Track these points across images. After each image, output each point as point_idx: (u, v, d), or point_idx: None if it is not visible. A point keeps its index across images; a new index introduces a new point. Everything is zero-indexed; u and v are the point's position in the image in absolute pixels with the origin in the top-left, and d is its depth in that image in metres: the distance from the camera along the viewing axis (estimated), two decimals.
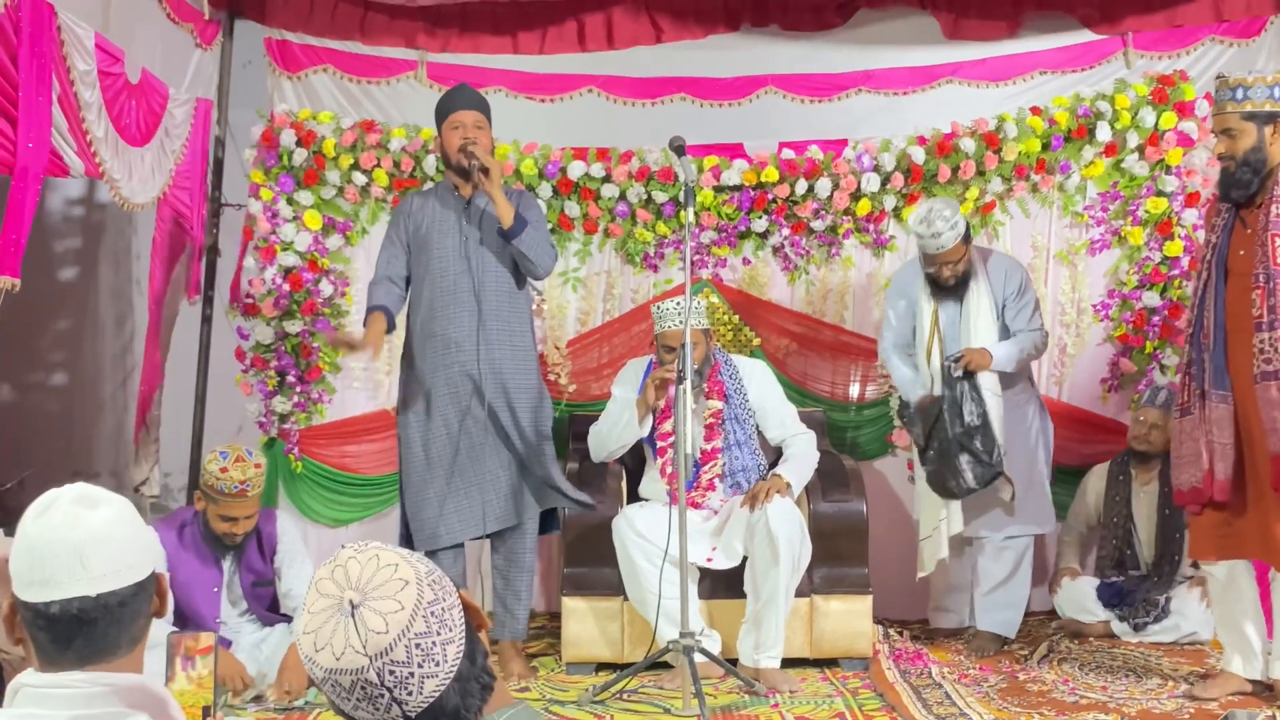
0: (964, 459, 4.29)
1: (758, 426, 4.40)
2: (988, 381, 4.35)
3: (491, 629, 4.07)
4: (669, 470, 4.28)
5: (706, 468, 4.28)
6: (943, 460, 4.33)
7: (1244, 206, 3.58)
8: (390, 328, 4.12)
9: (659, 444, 4.35)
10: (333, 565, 1.30)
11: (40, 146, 3.37)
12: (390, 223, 4.28)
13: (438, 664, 1.28)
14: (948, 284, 4.41)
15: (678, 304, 4.20)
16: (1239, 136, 3.51)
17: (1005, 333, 4.44)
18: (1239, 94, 3.51)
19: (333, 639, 1.26)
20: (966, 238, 4.37)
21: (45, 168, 3.44)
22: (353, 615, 1.26)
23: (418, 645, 1.26)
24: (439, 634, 1.28)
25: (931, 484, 4.42)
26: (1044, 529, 4.61)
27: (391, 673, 1.25)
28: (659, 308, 4.27)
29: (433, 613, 1.28)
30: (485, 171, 3.94)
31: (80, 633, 1.44)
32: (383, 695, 1.26)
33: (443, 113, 4.12)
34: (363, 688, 1.26)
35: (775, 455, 4.42)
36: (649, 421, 4.29)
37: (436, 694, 1.28)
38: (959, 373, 4.31)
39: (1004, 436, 4.32)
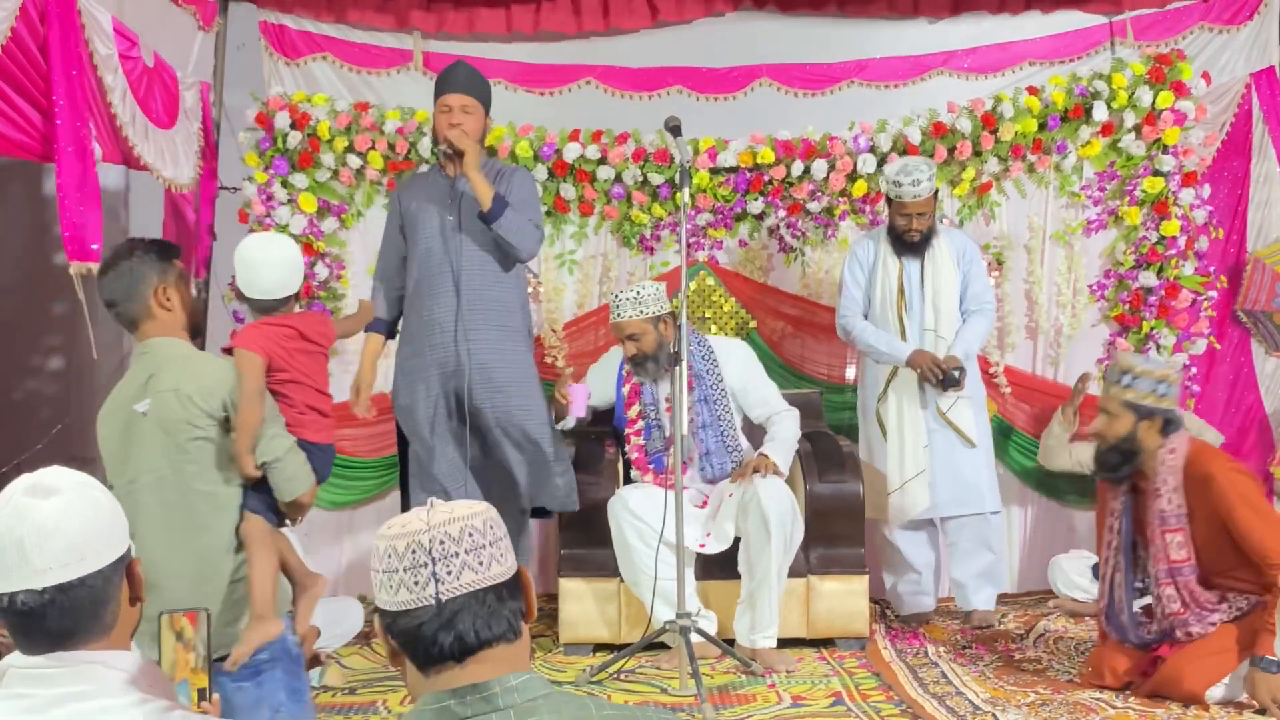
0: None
1: (742, 409, 4.39)
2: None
3: None
4: (634, 456, 4.34)
5: (671, 451, 4.15)
6: None
7: (1136, 490, 3.66)
8: (390, 335, 4.18)
9: (627, 431, 4.37)
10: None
11: (81, 130, 3.36)
12: (389, 207, 4.27)
13: (481, 563, 1.40)
14: (913, 239, 4.46)
15: (623, 296, 4.24)
16: (1114, 420, 3.59)
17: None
18: (1124, 379, 3.59)
19: (407, 519, 1.42)
20: (934, 196, 4.47)
21: (90, 150, 3.43)
22: (430, 507, 1.43)
23: (470, 535, 1.40)
24: (490, 547, 1.42)
25: None
26: (999, 508, 4.65)
27: (441, 544, 1.39)
28: (611, 298, 4.33)
29: (493, 530, 1.43)
30: (460, 155, 3.91)
31: (32, 625, 1.45)
32: (426, 565, 1.38)
33: (435, 92, 4.10)
34: (413, 552, 1.38)
35: (759, 434, 4.41)
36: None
37: (469, 588, 1.39)
38: (949, 391, 4.45)
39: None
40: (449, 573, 1.38)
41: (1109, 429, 3.60)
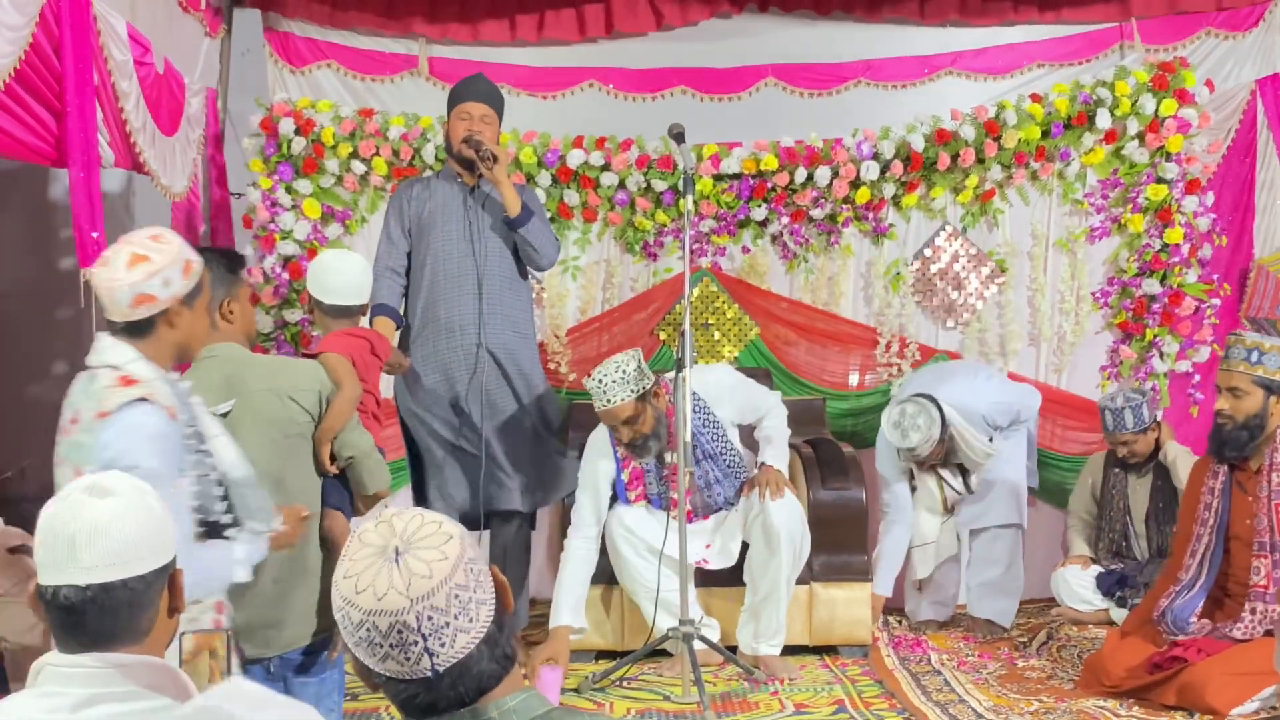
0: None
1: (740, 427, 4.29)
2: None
3: None
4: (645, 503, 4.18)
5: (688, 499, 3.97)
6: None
7: (1237, 469, 3.63)
8: (398, 325, 4.14)
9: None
10: (376, 521, 1.33)
11: (90, 137, 3.37)
12: (389, 209, 4.26)
13: (471, 620, 1.29)
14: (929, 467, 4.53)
15: (607, 379, 3.85)
16: (1244, 398, 3.52)
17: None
18: (1253, 356, 3.52)
19: (375, 581, 1.27)
20: (943, 429, 4.33)
21: (97, 158, 3.44)
22: (397, 560, 1.27)
23: (456, 596, 1.28)
24: (475, 591, 1.30)
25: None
26: (1021, 521, 4.63)
27: (430, 618, 1.26)
28: (589, 384, 3.91)
29: (471, 570, 1.30)
30: (494, 159, 3.93)
31: (72, 621, 1.47)
32: (417, 643, 1.26)
33: (453, 100, 4.12)
34: (399, 632, 1.26)
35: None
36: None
37: (466, 650, 1.29)
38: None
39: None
40: (442, 645, 1.27)
41: (1238, 407, 3.52)
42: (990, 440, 4.50)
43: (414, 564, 1.27)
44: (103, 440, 2.09)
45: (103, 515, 1.49)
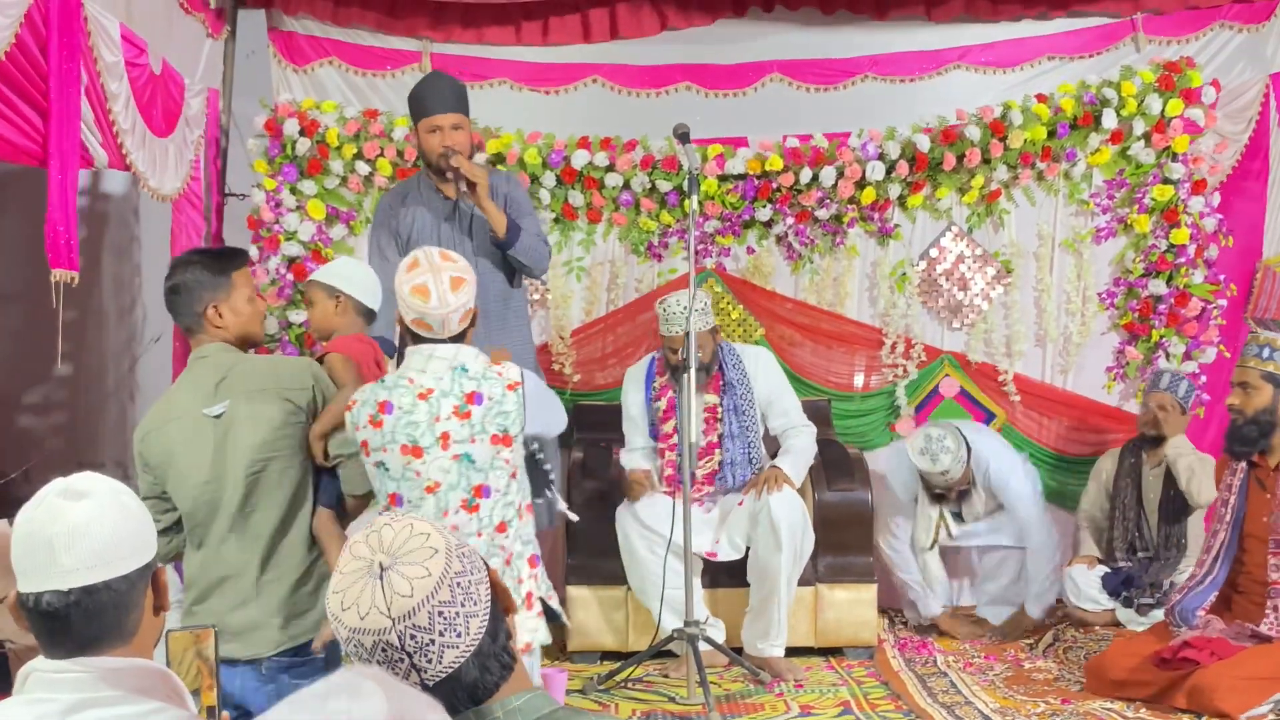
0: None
1: (764, 419, 4.34)
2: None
3: None
4: (668, 472, 4.24)
5: (703, 463, 4.19)
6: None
7: (1256, 466, 3.63)
8: (389, 354, 4.11)
9: (660, 445, 4.31)
10: (368, 530, 1.33)
11: (72, 138, 3.36)
12: (378, 226, 4.13)
13: (459, 635, 1.29)
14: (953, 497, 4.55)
15: (694, 306, 3.97)
16: (1253, 393, 3.57)
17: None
18: (1264, 353, 3.56)
19: (359, 599, 1.28)
20: (968, 450, 4.41)
21: (79, 159, 3.43)
22: (381, 578, 1.28)
23: (441, 614, 1.28)
24: (463, 605, 1.29)
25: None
26: (1025, 544, 4.63)
27: (413, 637, 1.27)
28: (665, 308, 4.19)
29: (459, 584, 1.29)
30: (471, 186, 3.84)
31: (57, 627, 1.45)
32: (402, 660, 1.27)
33: (416, 113, 3.99)
34: (384, 650, 1.27)
35: (771, 445, 4.39)
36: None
37: (455, 665, 1.29)
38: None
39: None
40: (429, 661, 1.28)
41: (1248, 402, 3.59)
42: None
43: (397, 582, 1.27)
44: (530, 399, 2.79)
45: (79, 518, 1.46)
